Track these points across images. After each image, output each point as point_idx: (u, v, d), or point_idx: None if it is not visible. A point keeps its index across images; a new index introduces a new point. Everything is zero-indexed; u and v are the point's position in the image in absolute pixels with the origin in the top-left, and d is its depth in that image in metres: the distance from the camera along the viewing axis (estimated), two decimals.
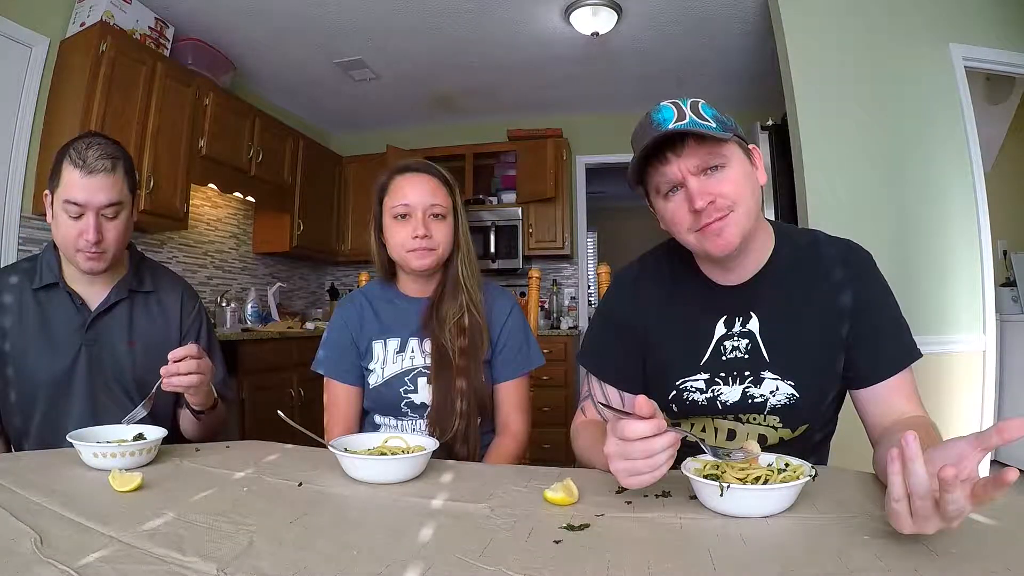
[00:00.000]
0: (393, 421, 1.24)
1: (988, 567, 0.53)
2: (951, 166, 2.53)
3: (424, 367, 1.22)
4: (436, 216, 1.20)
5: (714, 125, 0.83)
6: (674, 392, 0.98)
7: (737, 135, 0.88)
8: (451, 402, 1.18)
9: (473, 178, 4.46)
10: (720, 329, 0.95)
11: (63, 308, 1.19)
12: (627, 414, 0.70)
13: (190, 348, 1.03)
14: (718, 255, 0.88)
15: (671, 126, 0.83)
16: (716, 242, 0.86)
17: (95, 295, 1.21)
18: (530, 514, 0.70)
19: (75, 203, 1.09)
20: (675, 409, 0.99)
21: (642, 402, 0.68)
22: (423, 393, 1.21)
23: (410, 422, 1.23)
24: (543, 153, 4.32)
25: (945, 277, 2.48)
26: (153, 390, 1.06)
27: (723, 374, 0.95)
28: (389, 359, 1.23)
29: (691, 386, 0.96)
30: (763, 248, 0.95)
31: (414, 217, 1.18)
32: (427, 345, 1.22)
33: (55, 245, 1.19)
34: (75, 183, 1.09)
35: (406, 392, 1.22)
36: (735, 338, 0.94)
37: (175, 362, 1.02)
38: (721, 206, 0.85)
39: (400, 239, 1.19)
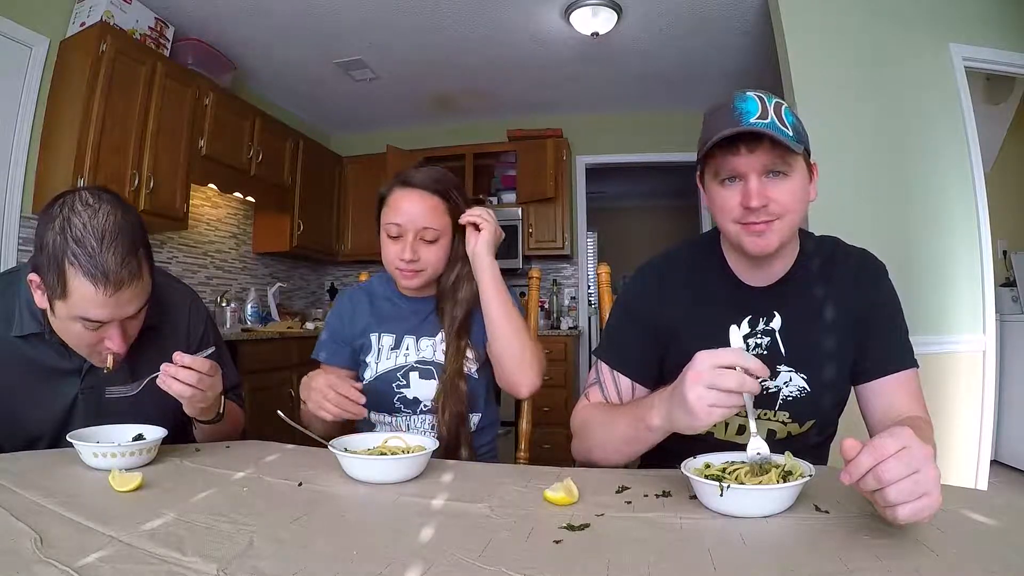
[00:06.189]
0: (388, 418, 1.24)
1: (988, 567, 0.53)
2: (951, 166, 2.53)
3: (417, 362, 1.22)
4: (427, 240, 1.17)
5: (791, 134, 0.84)
6: None
7: (806, 149, 0.89)
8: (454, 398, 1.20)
9: (473, 178, 4.46)
10: (744, 328, 0.97)
11: (51, 356, 1.01)
12: None
13: (203, 363, 0.95)
14: (754, 254, 0.90)
15: (753, 120, 0.83)
16: (756, 242, 0.89)
17: None
18: (530, 514, 0.70)
19: (96, 320, 0.91)
20: None
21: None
22: (415, 388, 1.21)
23: (404, 418, 1.23)
24: (543, 153, 4.32)
25: (945, 277, 2.48)
26: (148, 378, 0.97)
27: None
28: (383, 355, 1.23)
29: None
30: (791, 253, 0.98)
31: (404, 238, 1.16)
32: (423, 343, 1.24)
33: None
34: (93, 301, 0.88)
35: (399, 387, 1.22)
36: (757, 336, 0.97)
37: (180, 367, 0.94)
38: (772, 211, 0.87)
39: (389, 257, 1.19)
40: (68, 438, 0.90)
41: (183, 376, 0.94)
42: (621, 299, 1.09)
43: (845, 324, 0.96)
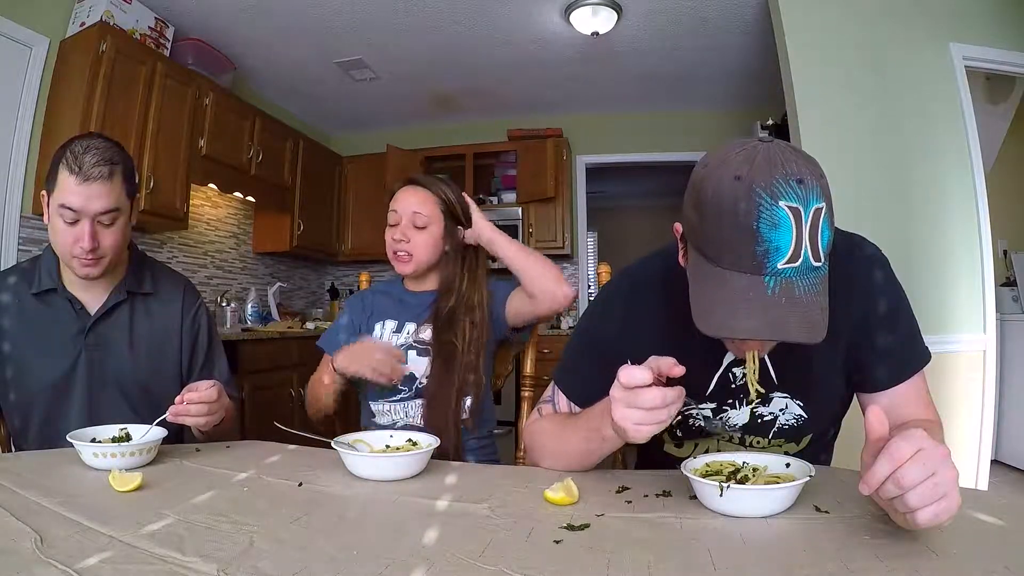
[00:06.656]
0: (386, 405, 1.28)
1: (988, 567, 0.53)
2: (951, 166, 2.53)
3: (416, 341, 1.29)
4: (418, 226, 1.28)
5: (823, 263, 0.67)
6: (679, 418, 0.91)
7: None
8: (450, 391, 1.23)
9: (473, 178, 4.46)
10: (730, 355, 0.87)
11: (62, 313, 1.17)
12: None
13: (210, 393, 1.00)
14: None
15: (781, 264, 0.65)
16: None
17: (94, 299, 1.19)
18: (530, 514, 0.70)
19: (70, 208, 1.06)
20: (679, 434, 0.94)
21: (671, 362, 0.68)
22: (412, 364, 1.27)
23: (401, 403, 1.27)
24: (543, 153, 4.31)
25: (945, 277, 2.48)
26: (159, 419, 1.00)
27: (731, 400, 0.90)
28: (385, 337, 1.32)
29: (698, 414, 0.92)
30: None
31: (400, 223, 1.29)
32: (423, 327, 1.30)
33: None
34: (71, 189, 1.05)
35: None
36: (743, 364, 0.84)
37: (188, 403, 0.99)
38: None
39: (388, 242, 1.31)
40: (68, 438, 0.90)
41: (194, 411, 1.00)
42: (583, 321, 1.01)
43: (841, 331, 0.83)
